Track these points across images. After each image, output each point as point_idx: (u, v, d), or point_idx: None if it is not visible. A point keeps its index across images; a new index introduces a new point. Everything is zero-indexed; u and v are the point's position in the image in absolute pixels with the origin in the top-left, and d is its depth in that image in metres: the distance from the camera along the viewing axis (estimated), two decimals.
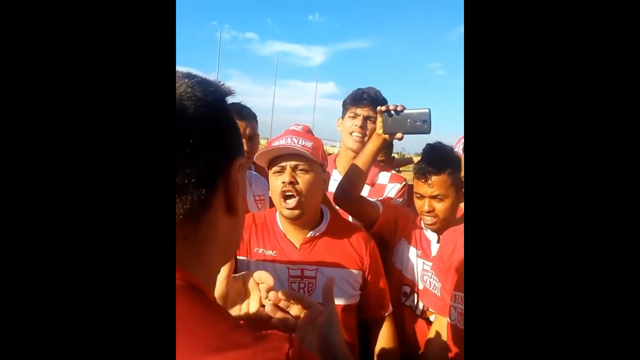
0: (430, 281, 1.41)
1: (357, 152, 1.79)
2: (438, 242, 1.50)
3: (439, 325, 1.31)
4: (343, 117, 1.89)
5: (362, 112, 1.80)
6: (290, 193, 1.23)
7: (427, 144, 1.50)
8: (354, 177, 1.43)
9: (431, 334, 1.34)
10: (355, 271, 1.30)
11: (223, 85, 0.55)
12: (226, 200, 0.53)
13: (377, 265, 1.37)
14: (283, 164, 1.25)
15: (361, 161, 1.43)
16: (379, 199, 1.75)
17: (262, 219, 1.35)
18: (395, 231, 1.57)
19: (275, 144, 1.27)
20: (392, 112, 1.31)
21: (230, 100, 0.56)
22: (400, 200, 1.84)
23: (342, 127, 1.89)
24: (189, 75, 0.51)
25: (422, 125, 1.27)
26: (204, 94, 0.49)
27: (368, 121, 1.81)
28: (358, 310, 1.34)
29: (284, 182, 1.23)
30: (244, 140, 2.32)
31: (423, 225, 1.53)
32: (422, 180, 1.44)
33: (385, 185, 1.86)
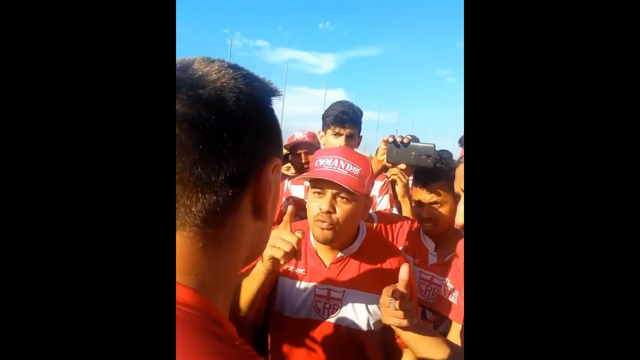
0: (445, 289, 1.42)
1: None
2: (435, 250, 1.50)
3: (456, 331, 1.32)
4: (324, 131, 1.92)
5: (345, 132, 1.85)
6: (324, 223, 1.12)
7: None
8: None
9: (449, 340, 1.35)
10: None
11: (270, 83, 0.52)
12: (255, 203, 0.48)
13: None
14: (325, 188, 1.13)
15: None
16: (374, 210, 1.76)
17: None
18: (393, 240, 1.57)
19: (321, 161, 1.15)
20: (399, 143, 1.34)
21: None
22: (394, 209, 1.89)
23: (324, 141, 1.94)
24: (234, 67, 0.48)
25: (425, 159, 1.32)
26: (247, 87, 0.46)
27: (350, 139, 1.87)
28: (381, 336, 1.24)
29: (321, 210, 1.12)
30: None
31: (421, 233, 1.54)
32: (421, 188, 1.45)
33: (375, 197, 1.88)
